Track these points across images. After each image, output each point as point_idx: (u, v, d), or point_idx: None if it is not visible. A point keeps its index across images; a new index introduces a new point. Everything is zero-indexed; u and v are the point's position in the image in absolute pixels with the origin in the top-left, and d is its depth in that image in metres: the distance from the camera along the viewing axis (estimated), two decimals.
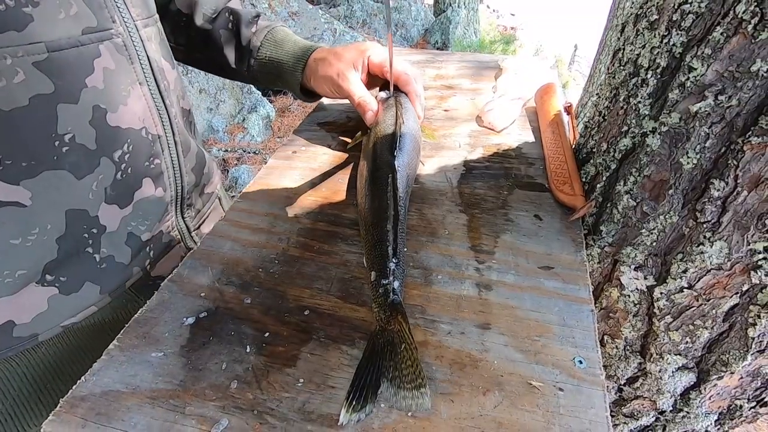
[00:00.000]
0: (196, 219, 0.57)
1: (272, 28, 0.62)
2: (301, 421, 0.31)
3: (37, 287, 0.41)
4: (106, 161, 0.42)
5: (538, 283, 0.40)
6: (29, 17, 0.34)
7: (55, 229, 0.40)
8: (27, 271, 0.40)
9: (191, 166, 0.54)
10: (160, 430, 0.30)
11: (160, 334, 0.37)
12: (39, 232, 0.39)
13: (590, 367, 0.33)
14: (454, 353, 0.35)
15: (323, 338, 0.36)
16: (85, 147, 0.40)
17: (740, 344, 0.41)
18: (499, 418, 0.30)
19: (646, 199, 0.40)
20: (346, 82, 0.56)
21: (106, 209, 0.43)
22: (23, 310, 0.40)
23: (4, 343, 0.40)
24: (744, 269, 0.36)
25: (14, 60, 0.33)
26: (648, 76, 0.37)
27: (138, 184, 0.46)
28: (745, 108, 0.31)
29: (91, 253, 0.44)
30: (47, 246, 0.40)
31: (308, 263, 0.43)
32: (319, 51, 0.60)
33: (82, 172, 0.40)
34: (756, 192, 0.32)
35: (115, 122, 0.42)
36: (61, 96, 0.37)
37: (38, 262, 0.40)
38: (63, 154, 0.38)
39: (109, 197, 0.43)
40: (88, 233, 0.43)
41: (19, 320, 0.40)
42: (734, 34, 0.30)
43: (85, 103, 0.39)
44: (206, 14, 0.60)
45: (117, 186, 0.43)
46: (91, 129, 0.40)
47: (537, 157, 0.56)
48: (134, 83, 0.43)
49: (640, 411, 0.52)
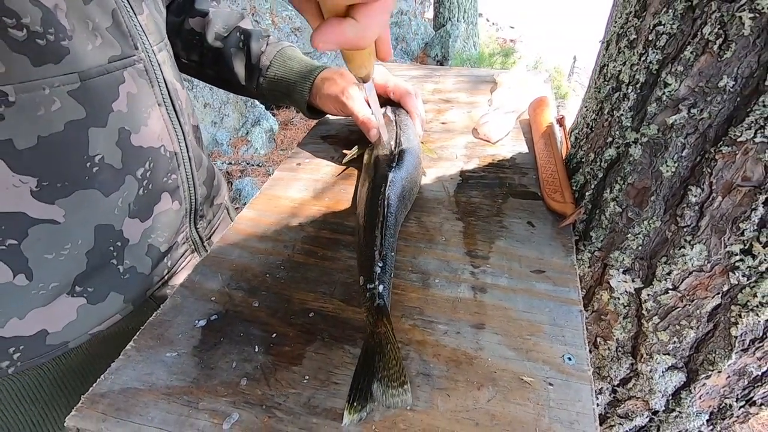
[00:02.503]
0: (208, 229, 0.60)
1: (281, 47, 0.66)
2: (307, 415, 0.33)
3: (67, 298, 0.43)
4: (130, 179, 0.45)
5: (530, 285, 0.42)
6: (66, 50, 0.37)
7: (85, 244, 0.43)
8: (59, 283, 0.42)
9: (203, 179, 0.56)
10: (176, 423, 0.32)
11: (173, 335, 0.39)
12: (71, 247, 0.42)
13: (578, 363, 0.35)
14: (450, 351, 0.37)
15: (327, 338, 0.38)
16: (113, 167, 0.43)
17: (725, 343, 0.43)
18: (492, 411, 0.32)
19: (630, 205, 0.42)
20: (350, 101, 0.59)
21: (129, 223, 0.46)
22: (55, 320, 0.43)
23: (38, 350, 0.43)
24: (723, 270, 0.38)
25: (51, 90, 0.36)
26: (629, 91, 0.40)
27: (157, 199, 0.49)
28: (716, 120, 0.34)
29: (115, 264, 0.46)
30: (78, 259, 0.43)
31: (312, 269, 0.45)
32: (326, 71, 0.63)
33: (109, 190, 0.43)
34: (729, 197, 0.35)
35: (137, 142, 0.45)
36: (91, 121, 0.40)
37: (69, 275, 0.43)
38: (93, 174, 0.41)
39: (132, 212, 0.46)
40: (113, 246, 0.45)
41: (51, 329, 0.43)
42: (702, 53, 0.33)
43: (111, 126, 0.42)
44: (218, 33, 0.64)
45: (139, 201, 0.46)
46: (117, 150, 0.43)
47: (530, 167, 0.58)
48: (154, 105, 0.46)
49: (634, 411, 0.53)
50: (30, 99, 0.35)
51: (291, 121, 3.06)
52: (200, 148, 0.59)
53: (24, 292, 0.40)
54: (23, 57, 0.34)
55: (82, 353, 0.46)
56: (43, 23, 0.35)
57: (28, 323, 0.41)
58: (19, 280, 0.40)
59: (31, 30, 0.34)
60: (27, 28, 0.34)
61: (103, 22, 0.40)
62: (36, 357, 0.43)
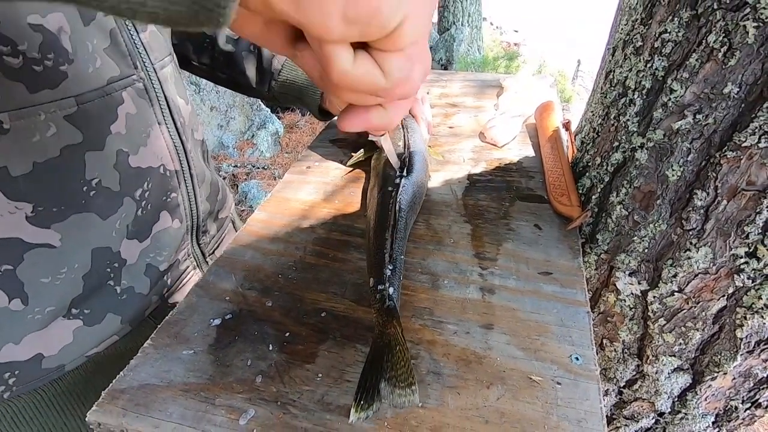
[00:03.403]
0: (211, 244, 0.59)
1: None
2: (321, 411, 0.34)
3: (63, 320, 0.43)
4: (128, 200, 0.44)
5: (537, 287, 0.43)
6: (64, 74, 0.36)
7: (82, 267, 0.42)
8: (55, 307, 0.42)
9: (206, 195, 0.56)
10: (193, 418, 0.33)
11: (189, 333, 0.40)
12: (67, 271, 0.41)
13: (586, 363, 0.36)
14: (459, 351, 0.37)
15: (339, 338, 0.39)
16: (110, 189, 0.42)
17: (730, 345, 0.43)
18: (501, 409, 0.33)
19: (636, 208, 0.43)
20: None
21: (127, 244, 0.45)
22: (51, 343, 0.42)
23: (34, 374, 0.42)
24: (728, 273, 0.39)
25: (47, 115, 0.36)
26: (635, 97, 0.41)
27: (156, 218, 0.48)
28: (721, 125, 0.34)
29: (112, 285, 0.46)
30: (74, 283, 0.42)
31: (323, 270, 0.46)
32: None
33: (107, 212, 0.42)
34: (734, 201, 0.35)
35: (136, 163, 0.44)
36: (88, 144, 0.39)
37: (65, 298, 0.42)
38: (90, 198, 0.41)
39: (130, 233, 0.45)
40: (110, 268, 0.45)
41: (47, 352, 0.42)
42: (707, 60, 0.33)
43: (109, 148, 0.41)
44: (230, 36, 0.64)
45: (137, 222, 0.46)
46: (115, 172, 0.42)
47: (536, 171, 0.59)
48: (154, 124, 0.46)
49: (640, 413, 0.54)
50: (25, 125, 0.35)
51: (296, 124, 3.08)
52: (205, 162, 0.58)
53: (20, 316, 0.40)
54: (19, 84, 0.34)
55: (78, 375, 0.46)
56: (42, 49, 0.34)
57: (24, 348, 0.41)
58: (15, 305, 0.39)
59: (27, 56, 0.34)
60: (23, 54, 0.33)
61: (101, 42, 0.39)
62: (32, 381, 0.42)
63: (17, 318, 0.40)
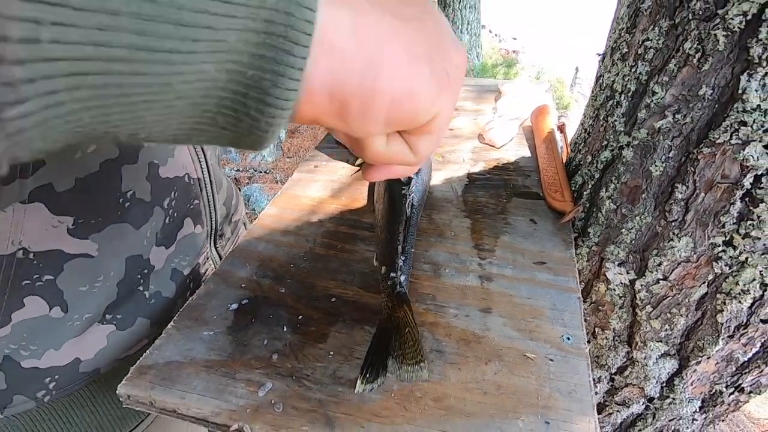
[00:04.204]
0: (227, 247, 0.62)
1: None
2: (333, 384, 0.37)
3: (98, 326, 0.45)
4: (158, 209, 0.46)
5: (532, 275, 0.46)
6: None
7: (116, 275, 0.44)
8: (92, 314, 0.44)
9: (223, 200, 0.58)
10: (216, 390, 0.36)
11: (209, 317, 0.43)
12: (103, 279, 0.43)
13: (576, 342, 0.39)
14: (460, 332, 0.41)
15: (348, 320, 0.42)
16: (143, 200, 0.44)
17: (712, 330, 0.46)
18: (498, 382, 0.36)
19: (624, 202, 0.46)
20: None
21: (155, 251, 0.48)
22: (87, 348, 0.44)
23: (72, 378, 0.44)
24: (708, 261, 0.42)
25: None
26: (621, 99, 0.44)
27: (180, 225, 0.50)
28: (697, 124, 0.38)
29: (141, 291, 0.48)
30: (109, 290, 0.44)
31: (332, 260, 0.49)
32: None
33: (139, 222, 0.45)
34: (711, 193, 0.39)
35: (165, 174, 0.46)
36: (124, 158, 0.42)
37: (101, 305, 0.44)
38: (125, 209, 0.43)
39: (159, 240, 0.48)
40: (140, 274, 0.47)
41: (84, 357, 0.44)
42: (684, 65, 0.37)
43: (142, 161, 0.43)
44: None
45: (165, 229, 0.48)
46: (147, 183, 0.44)
47: (532, 170, 0.62)
48: None
49: (631, 398, 0.57)
50: None
51: (298, 129, 3.12)
52: (221, 168, 0.60)
53: (60, 324, 0.42)
54: None
55: (111, 377, 0.48)
56: None
57: (63, 353, 0.43)
58: (55, 313, 0.41)
59: None
60: None
61: None
62: (70, 385, 0.45)
63: (57, 325, 0.42)
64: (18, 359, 0.40)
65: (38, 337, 0.41)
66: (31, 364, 0.41)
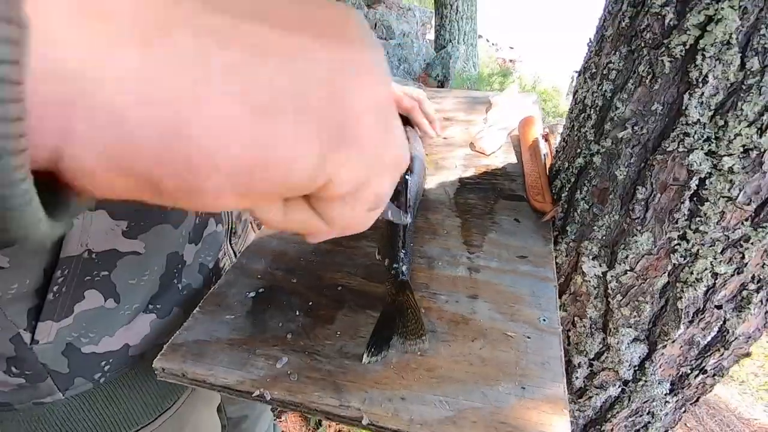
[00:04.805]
0: (239, 243, 0.68)
1: None
2: (340, 358, 0.42)
3: (143, 315, 0.50)
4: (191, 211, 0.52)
5: (515, 267, 0.52)
6: None
7: (159, 269, 0.50)
8: (139, 304, 0.49)
9: None
10: (239, 363, 0.42)
11: (230, 303, 0.49)
12: (149, 273, 0.49)
13: (551, 323, 0.45)
14: (450, 315, 0.47)
15: (354, 305, 0.48)
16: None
17: (674, 316, 0.52)
18: (483, 356, 0.42)
19: (595, 203, 0.52)
20: None
21: (188, 248, 0.54)
22: (135, 335, 0.50)
23: (123, 361, 0.50)
24: (666, 253, 0.48)
25: None
26: (591, 112, 0.51)
27: (206, 224, 0.56)
28: (652, 135, 0.44)
29: (176, 283, 0.54)
30: (153, 283, 0.50)
31: (338, 254, 0.55)
32: None
33: (178, 222, 0.50)
34: (665, 194, 0.45)
35: None
36: None
37: (146, 296, 0.50)
38: (167, 211, 0.49)
39: (191, 238, 0.54)
40: (176, 269, 0.53)
41: (132, 342, 0.50)
42: (639, 85, 0.43)
43: None
44: None
45: (195, 228, 0.54)
46: None
47: (518, 175, 0.69)
48: None
49: (607, 381, 0.63)
50: None
51: None
52: None
53: (113, 313, 0.47)
54: None
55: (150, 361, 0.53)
56: None
57: (116, 339, 0.48)
58: (109, 304, 0.46)
59: None
60: None
61: None
62: (121, 368, 0.49)
63: (111, 315, 0.47)
64: (79, 346, 0.45)
65: (96, 325, 0.46)
66: (90, 349, 0.46)
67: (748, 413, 1.86)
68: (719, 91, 0.38)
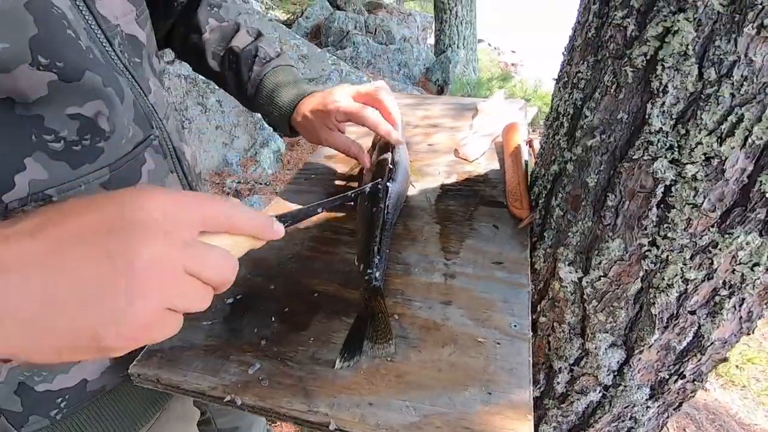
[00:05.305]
0: None
1: (262, 78, 0.66)
2: (311, 364, 0.43)
3: None
4: None
5: (490, 273, 0.53)
6: (101, 149, 0.42)
7: None
8: None
9: None
10: (213, 369, 0.43)
11: (209, 309, 0.49)
12: None
13: (521, 329, 0.46)
14: (423, 321, 0.47)
15: (328, 312, 0.49)
16: None
17: (649, 321, 0.53)
18: (452, 361, 0.43)
19: (569, 210, 0.53)
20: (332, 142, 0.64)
21: None
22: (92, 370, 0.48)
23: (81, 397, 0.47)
24: (638, 259, 0.49)
25: (87, 186, 0.42)
26: (564, 120, 0.52)
27: None
28: (619, 143, 0.45)
29: None
30: None
31: (317, 261, 0.56)
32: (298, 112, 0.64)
33: None
34: (634, 201, 0.46)
35: None
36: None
37: None
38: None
39: None
40: None
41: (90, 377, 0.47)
42: (606, 94, 0.44)
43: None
44: (215, 52, 0.66)
45: None
46: None
47: (499, 181, 0.70)
48: (167, 174, 0.52)
49: (588, 386, 0.63)
50: (69, 196, 0.40)
51: (298, 142, 3.21)
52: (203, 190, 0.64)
53: None
54: (63, 163, 0.40)
55: (116, 392, 0.51)
56: (79, 132, 0.40)
57: (72, 376, 0.46)
58: None
59: (67, 140, 0.40)
60: (64, 139, 0.40)
61: (131, 114, 0.45)
62: (80, 403, 0.48)
63: None
64: (32, 384, 0.44)
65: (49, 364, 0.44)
66: (45, 387, 0.44)
67: (749, 418, 1.83)
68: (679, 100, 0.39)
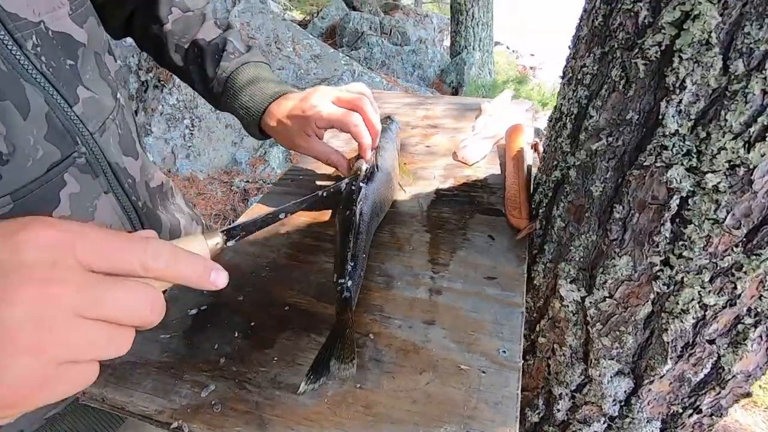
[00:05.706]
0: None
1: (229, 75, 0.60)
2: (272, 388, 0.38)
3: None
4: None
5: (481, 290, 0.47)
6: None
7: None
8: None
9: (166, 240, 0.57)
10: (163, 390, 0.39)
11: (168, 321, 0.46)
12: None
13: (511, 356, 0.40)
14: (401, 342, 0.42)
15: (297, 328, 0.44)
16: None
17: (661, 349, 0.47)
18: (429, 392, 0.38)
19: (571, 221, 0.47)
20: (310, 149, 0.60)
21: None
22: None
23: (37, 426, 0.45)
24: (648, 279, 0.43)
25: None
26: (567, 121, 0.46)
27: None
28: (628, 147, 0.39)
29: None
30: None
31: (294, 270, 0.52)
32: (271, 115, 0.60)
33: None
34: (644, 214, 0.40)
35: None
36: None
37: None
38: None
39: None
40: None
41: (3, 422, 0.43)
42: (613, 90, 0.38)
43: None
44: (178, 45, 0.60)
45: None
46: None
47: (499, 187, 0.64)
48: (100, 195, 0.45)
49: (591, 417, 0.57)
50: None
51: None
52: (163, 207, 0.56)
53: None
54: None
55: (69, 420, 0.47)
56: None
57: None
58: None
59: None
60: None
61: (41, 131, 0.38)
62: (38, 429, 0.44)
63: None
64: None
65: None
66: None
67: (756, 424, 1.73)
68: (699, 98, 0.33)
